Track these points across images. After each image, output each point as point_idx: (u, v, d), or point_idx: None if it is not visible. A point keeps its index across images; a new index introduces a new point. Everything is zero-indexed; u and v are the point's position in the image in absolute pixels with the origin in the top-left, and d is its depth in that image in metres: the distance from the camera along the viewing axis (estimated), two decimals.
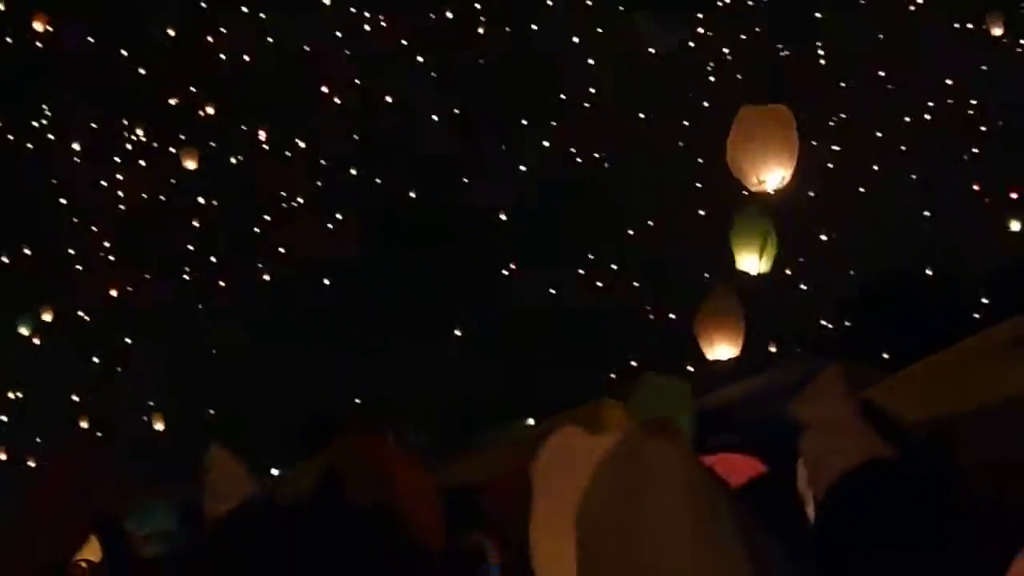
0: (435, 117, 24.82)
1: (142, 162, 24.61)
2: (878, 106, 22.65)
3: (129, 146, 24.73)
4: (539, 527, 2.53)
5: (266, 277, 24.26)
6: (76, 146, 24.46)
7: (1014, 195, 22.13)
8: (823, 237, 22.00)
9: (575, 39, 25.22)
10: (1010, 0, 22.44)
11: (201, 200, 24.46)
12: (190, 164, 22.72)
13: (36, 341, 22.84)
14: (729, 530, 2.05)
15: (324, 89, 24.67)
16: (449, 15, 25.28)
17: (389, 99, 24.85)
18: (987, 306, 17.79)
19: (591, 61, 24.97)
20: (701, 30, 24.99)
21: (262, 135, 24.75)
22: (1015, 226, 21.03)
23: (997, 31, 21.81)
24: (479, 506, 3.46)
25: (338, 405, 20.75)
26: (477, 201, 23.80)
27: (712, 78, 24.57)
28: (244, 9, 24.85)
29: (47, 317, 22.69)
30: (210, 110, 24.13)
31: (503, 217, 24.16)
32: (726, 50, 24.67)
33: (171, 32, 24.22)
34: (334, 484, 2.04)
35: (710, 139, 23.71)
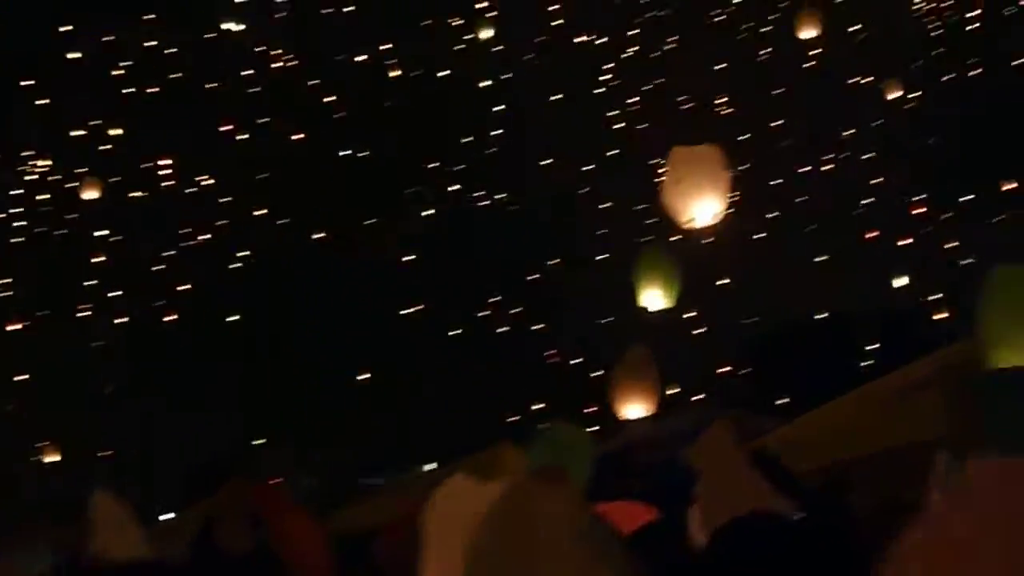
0: (341, 152, 24.78)
1: (44, 195, 24.16)
2: (775, 156, 23.16)
3: (30, 177, 24.26)
4: (428, 574, 2.52)
5: (167, 318, 23.84)
6: None
7: (903, 242, 22.70)
8: (722, 283, 22.33)
9: (482, 84, 25.42)
10: (903, 61, 23.21)
11: (100, 234, 24.03)
12: (91, 194, 22.37)
13: None
14: None
15: (230, 127, 24.50)
16: (362, 58, 25.33)
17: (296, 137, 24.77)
18: (878, 353, 18.19)
19: (496, 107, 25.20)
20: (605, 78, 25.39)
21: (167, 171, 24.45)
22: (901, 281, 21.53)
23: (894, 95, 22.53)
24: (370, 553, 3.43)
25: (232, 449, 20.41)
26: (378, 240, 23.76)
27: (615, 126, 24.95)
28: (152, 43, 24.61)
29: None
30: (114, 137, 23.82)
31: (406, 258, 24.12)
32: (630, 100, 25.09)
33: (74, 57, 23.89)
34: (211, 536, 2.00)
35: (609, 184, 24.13)
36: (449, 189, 24.84)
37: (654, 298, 12.53)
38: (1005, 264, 4.52)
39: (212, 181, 24.61)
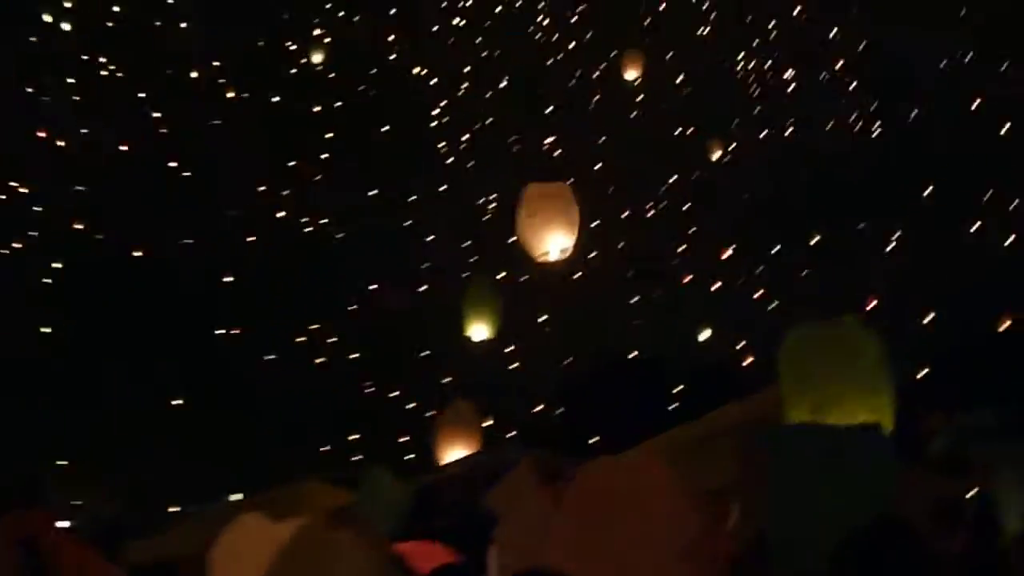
0: (170, 165, 24.24)
1: None
2: (594, 199, 23.68)
3: None
4: None
5: None
6: None
7: (715, 287, 23.42)
8: (541, 320, 22.62)
9: (316, 108, 25.28)
10: (723, 116, 24.16)
11: None
12: None
13: None
14: None
15: (42, 134, 23.68)
16: (194, 74, 24.90)
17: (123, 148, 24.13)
18: (687, 398, 18.65)
19: (327, 134, 25.09)
20: (436, 112, 25.59)
21: None
22: (705, 334, 22.16)
23: (716, 153, 23.42)
24: None
25: (25, 472, 19.49)
26: (200, 261, 23.26)
27: (447, 160, 25.14)
28: None
29: None
30: None
31: (226, 279, 23.68)
32: (464, 136, 25.34)
33: None
34: None
35: (434, 217, 24.21)
36: (277, 215, 24.55)
37: (478, 330, 12.75)
38: (799, 326, 4.75)
39: (24, 190, 23.73)
